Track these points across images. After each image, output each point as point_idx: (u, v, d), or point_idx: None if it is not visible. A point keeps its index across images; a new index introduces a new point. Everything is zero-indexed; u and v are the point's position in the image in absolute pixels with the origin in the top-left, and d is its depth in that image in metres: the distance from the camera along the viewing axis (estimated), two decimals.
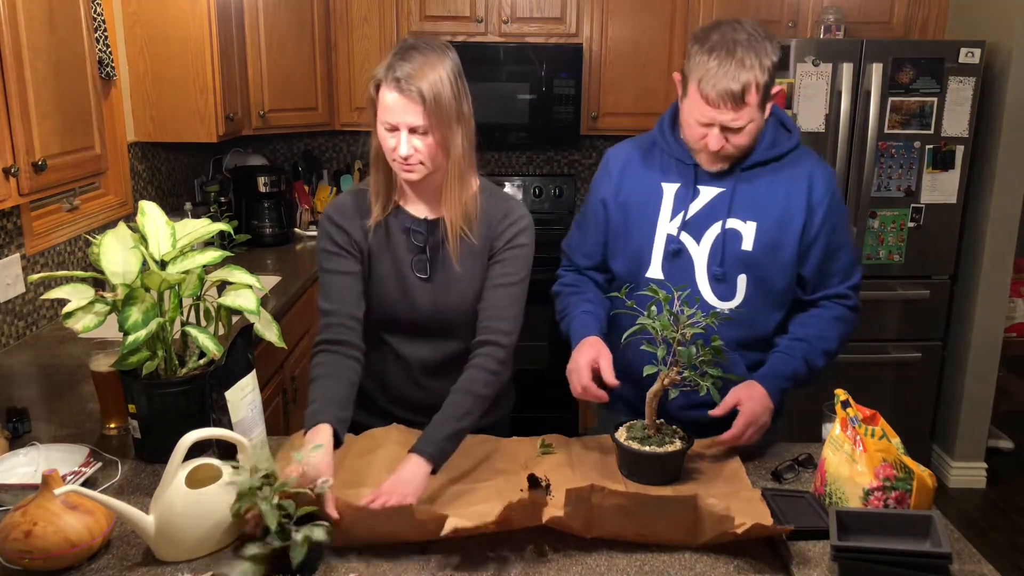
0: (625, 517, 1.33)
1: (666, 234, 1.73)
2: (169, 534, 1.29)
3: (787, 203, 1.70)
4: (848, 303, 1.77)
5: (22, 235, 2.40)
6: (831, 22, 3.55)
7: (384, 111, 1.55)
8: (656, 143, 1.79)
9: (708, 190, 1.71)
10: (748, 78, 1.54)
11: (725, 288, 1.72)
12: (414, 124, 1.54)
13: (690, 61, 1.60)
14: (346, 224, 1.69)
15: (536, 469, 1.57)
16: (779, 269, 1.71)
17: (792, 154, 1.73)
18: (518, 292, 1.68)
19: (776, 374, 1.68)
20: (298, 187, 3.94)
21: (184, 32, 2.96)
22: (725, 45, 1.56)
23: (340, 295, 1.66)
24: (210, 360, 1.57)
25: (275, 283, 3.01)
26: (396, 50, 1.57)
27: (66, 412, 1.84)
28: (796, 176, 1.71)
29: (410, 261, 1.69)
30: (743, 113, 1.58)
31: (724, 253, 1.70)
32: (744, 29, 1.58)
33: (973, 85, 3.25)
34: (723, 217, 1.70)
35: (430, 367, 1.76)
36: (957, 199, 3.38)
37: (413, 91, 1.51)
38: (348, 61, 3.73)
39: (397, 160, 1.58)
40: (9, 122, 1.76)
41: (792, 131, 1.75)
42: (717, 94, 1.55)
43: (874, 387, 3.53)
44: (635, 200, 1.77)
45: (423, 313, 1.71)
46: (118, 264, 1.46)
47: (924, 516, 1.33)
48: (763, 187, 1.70)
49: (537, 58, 3.66)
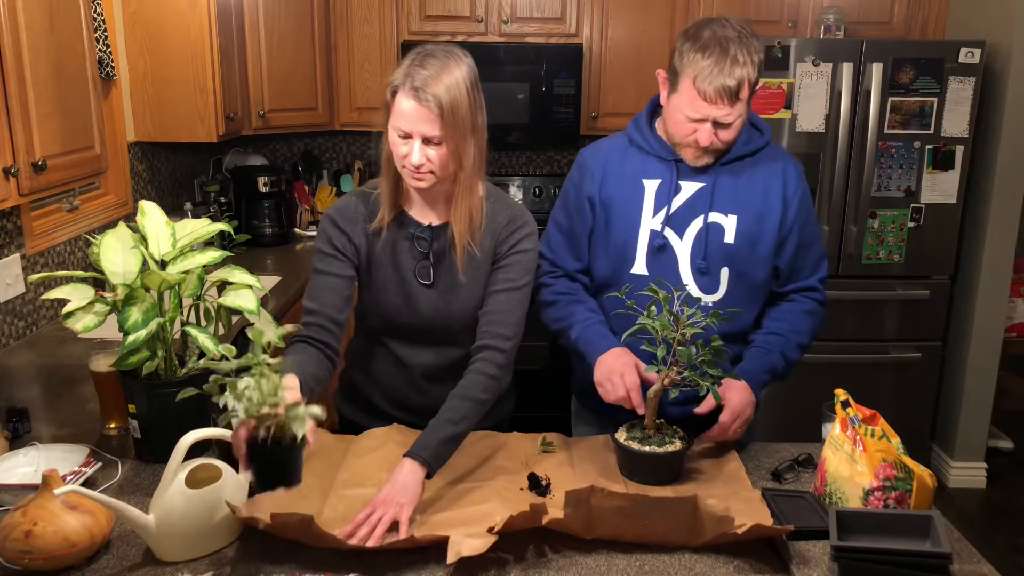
0: (625, 518, 1.33)
1: (650, 230, 1.74)
2: (169, 534, 1.29)
3: (765, 196, 1.74)
4: (817, 296, 1.81)
5: (22, 235, 2.40)
6: (831, 22, 3.55)
7: (399, 118, 1.54)
8: (632, 141, 1.81)
9: (689, 185, 1.73)
10: (742, 74, 1.58)
11: (708, 281, 1.73)
12: (429, 134, 1.53)
13: (682, 58, 1.62)
14: (347, 227, 1.68)
15: (536, 468, 1.57)
16: (759, 262, 1.74)
17: (766, 150, 1.77)
18: (520, 297, 1.67)
19: (756, 368, 1.71)
20: (298, 187, 3.94)
21: (184, 32, 2.96)
22: (718, 42, 1.59)
23: (325, 297, 1.65)
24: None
25: (275, 283, 3.01)
26: (415, 56, 1.55)
27: (66, 412, 1.84)
28: (772, 170, 1.76)
29: (413, 267, 1.69)
30: (736, 108, 1.61)
31: (707, 247, 1.72)
32: (733, 27, 1.61)
33: (973, 85, 3.25)
34: (705, 211, 1.72)
35: (432, 372, 1.75)
36: (957, 199, 3.38)
37: (431, 101, 1.50)
38: (348, 61, 3.72)
39: (407, 167, 1.57)
40: (9, 122, 1.75)
41: (763, 130, 1.80)
42: (714, 90, 1.58)
43: (874, 387, 3.52)
44: (617, 197, 1.77)
45: (425, 319, 1.70)
46: (118, 264, 1.46)
47: (924, 516, 1.33)
48: (742, 181, 1.74)
49: (537, 58, 3.66)
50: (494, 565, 1.30)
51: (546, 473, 1.56)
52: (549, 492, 1.51)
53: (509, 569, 1.30)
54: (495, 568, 1.30)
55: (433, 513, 1.43)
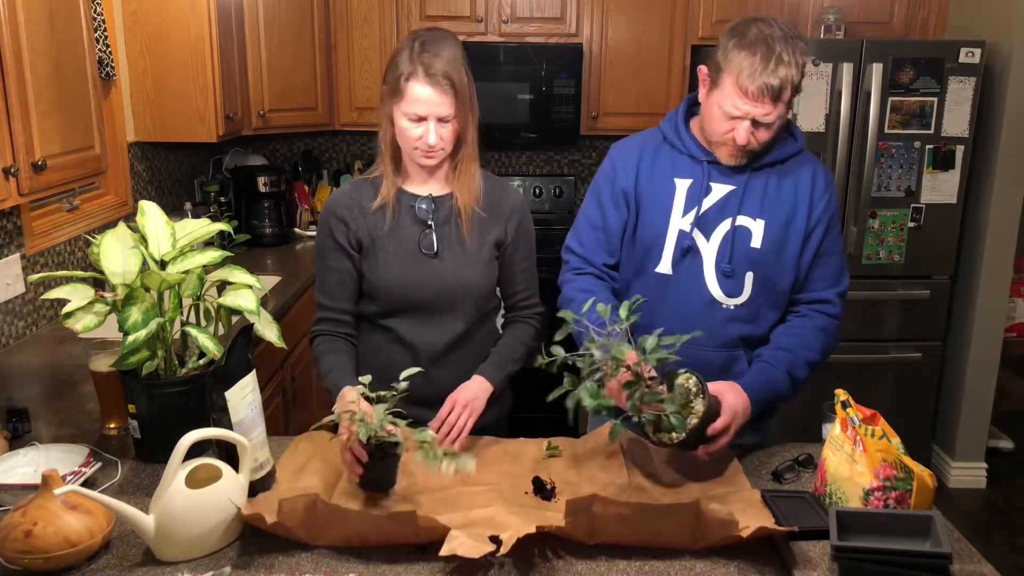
0: (627, 525, 1.33)
1: (678, 230, 1.73)
2: (169, 534, 1.29)
3: (793, 203, 1.73)
4: (831, 311, 1.76)
5: (22, 235, 2.40)
6: (831, 22, 3.55)
7: (414, 104, 1.62)
8: (666, 139, 1.79)
9: (720, 187, 1.72)
10: (787, 74, 1.57)
11: (733, 284, 1.72)
12: (443, 114, 1.64)
13: (726, 55, 1.60)
14: (346, 215, 1.75)
15: (542, 472, 1.57)
16: (784, 268, 1.73)
17: (798, 156, 1.76)
18: (534, 266, 1.88)
19: (759, 383, 1.65)
20: (298, 187, 3.94)
21: (184, 32, 2.96)
22: (764, 40, 1.57)
23: (337, 290, 1.78)
24: (210, 360, 1.57)
25: (275, 283, 3.01)
26: (413, 43, 1.64)
27: (66, 412, 1.84)
28: (801, 177, 1.74)
29: (417, 239, 1.74)
30: (777, 109, 1.60)
31: (733, 250, 1.71)
32: (779, 27, 1.60)
33: (973, 85, 3.25)
34: (733, 214, 1.71)
35: (437, 353, 1.78)
36: (957, 199, 3.38)
37: (445, 84, 1.62)
38: (348, 61, 3.73)
39: (420, 148, 1.66)
40: (9, 122, 1.75)
41: (797, 136, 1.78)
42: (757, 88, 1.57)
43: (874, 387, 3.53)
44: (648, 194, 1.77)
45: (430, 291, 1.75)
46: (118, 264, 1.46)
47: (924, 516, 1.33)
48: (772, 186, 1.73)
49: (537, 58, 3.66)
50: (493, 566, 1.30)
51: (551, 476, 1.55)
52: (554, 496, 1.50)
53: (509, 569, 1.30)
54: (494, 569, 1.30)
55: (438, 515, 1.43)
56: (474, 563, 1.29)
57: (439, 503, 1.46)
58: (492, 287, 1.83)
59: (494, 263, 1.81)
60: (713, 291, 1.72)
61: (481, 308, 1.81)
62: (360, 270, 1.77)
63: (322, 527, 1.33)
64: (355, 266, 1.77)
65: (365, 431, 1.42)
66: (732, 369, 1.75)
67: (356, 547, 1.34)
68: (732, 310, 1.73)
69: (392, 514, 1.32)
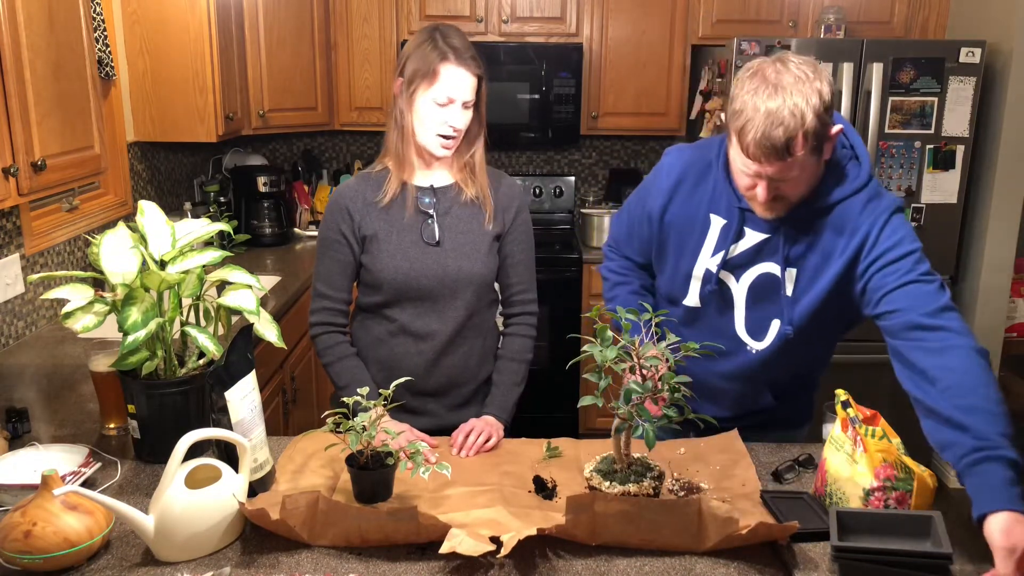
0: (629, 523, 1.32)
1: (705, 268, 1.64)
2: (168, 534, 1.28)
3: (829, 255, 1.54)
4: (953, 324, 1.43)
5: (21, 235, 2.39)
6: (831, 22, 3.55)
7: (448, 87, 1.70)
8: (712, 169, 1.63)
9: (753, 235, 1.59)
10: (793, 127, 1.36)
11: (758, 329, 1.65)
12: (468, 100, 1.72)
13: (732, 103, 1.43)
14: (352, 207, 1.80)
15: (543, 472, 1.57)
16: (814, 315, 1.59)
17: (854, 199, 1.51)
18: (532, 259, 1.91)
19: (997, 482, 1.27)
20: (298, 187, 3.94)
21: (184, 32, 2.96)
22: (767, 90, 1.38)
23: (338, 280, 1.83)
24: (210, 360, 1.57)
25: (275, 283, 3.01)
26: (434, 33, 1.74)
27: (66, 412, 1.84)
28: (853, 230, 1.50)
29: (419, 228, 1.79)
30: (791, 165, 1.40)
31: (762, 295, 1.62)
32: (790, 70, 1.39)
33: (973, 85, 3.24)
34: (765, 260, 1.60)
35: (442, 341, 1.81)
36: (957, 199, 3.37)
37: (474, 67, 1.72)
38: (348, 61, 3.72)
39: (444, 133, 1.72)
40: (9, 122, 1.75)
41: (851, 176, 1.53)
42: (757, 147, 1.38)
43: (874, 387, 3.51)
44: (679, 223, 1.66)
45: (433, 279, 1.79)
46: (118, 264, 1.46)
47: (925, 516, 1.33)
48: (811, 234, 1.54)
49: (537, 58, 3.66)
50: (494, 565, 1.30)
51: (552, 476, 1.55)
52: (555, 495, 1.50)
53: (509, 569, 1.30)
54: (494, 569, 1.30)
55: (439, 515, 1.42)
56: (474, 563, 1.29)
57: (439, 503, 1.46)
58: (493, 276, 1.88)
59: (494, 253, 1.86)
60: (739, 331, 1.66)
61: (482, 297, 1.85)
62: (359, 262, 1.82)
63: (323, 525, 1.33)
64: (355, 258, 1.82)
65: (356, 440, 1.41)
66: (759, 402, 1.75)
67: (356, 547, 1.34)
68: (755, 353, 1.66)
69: (393, 511, 1.32)
